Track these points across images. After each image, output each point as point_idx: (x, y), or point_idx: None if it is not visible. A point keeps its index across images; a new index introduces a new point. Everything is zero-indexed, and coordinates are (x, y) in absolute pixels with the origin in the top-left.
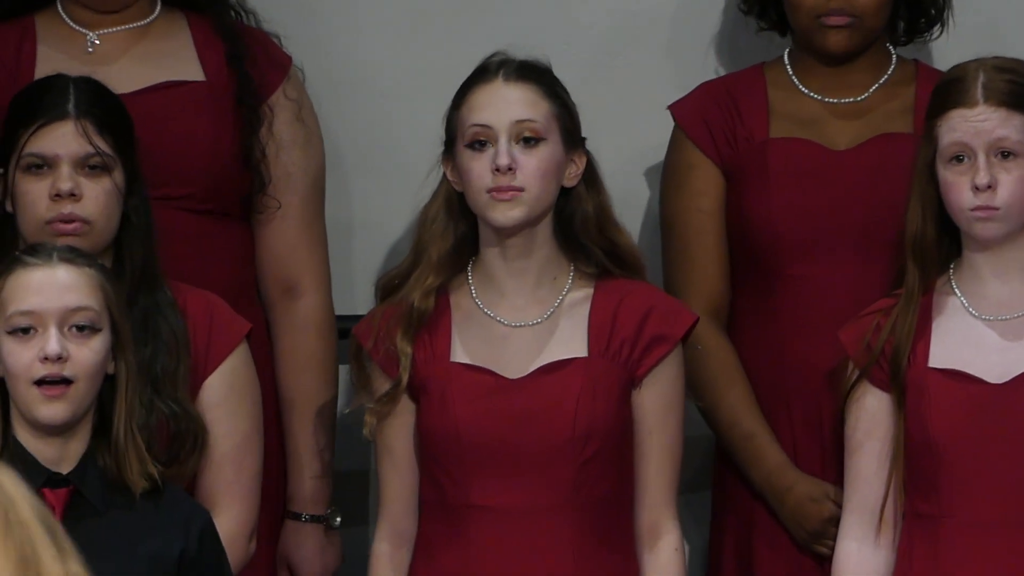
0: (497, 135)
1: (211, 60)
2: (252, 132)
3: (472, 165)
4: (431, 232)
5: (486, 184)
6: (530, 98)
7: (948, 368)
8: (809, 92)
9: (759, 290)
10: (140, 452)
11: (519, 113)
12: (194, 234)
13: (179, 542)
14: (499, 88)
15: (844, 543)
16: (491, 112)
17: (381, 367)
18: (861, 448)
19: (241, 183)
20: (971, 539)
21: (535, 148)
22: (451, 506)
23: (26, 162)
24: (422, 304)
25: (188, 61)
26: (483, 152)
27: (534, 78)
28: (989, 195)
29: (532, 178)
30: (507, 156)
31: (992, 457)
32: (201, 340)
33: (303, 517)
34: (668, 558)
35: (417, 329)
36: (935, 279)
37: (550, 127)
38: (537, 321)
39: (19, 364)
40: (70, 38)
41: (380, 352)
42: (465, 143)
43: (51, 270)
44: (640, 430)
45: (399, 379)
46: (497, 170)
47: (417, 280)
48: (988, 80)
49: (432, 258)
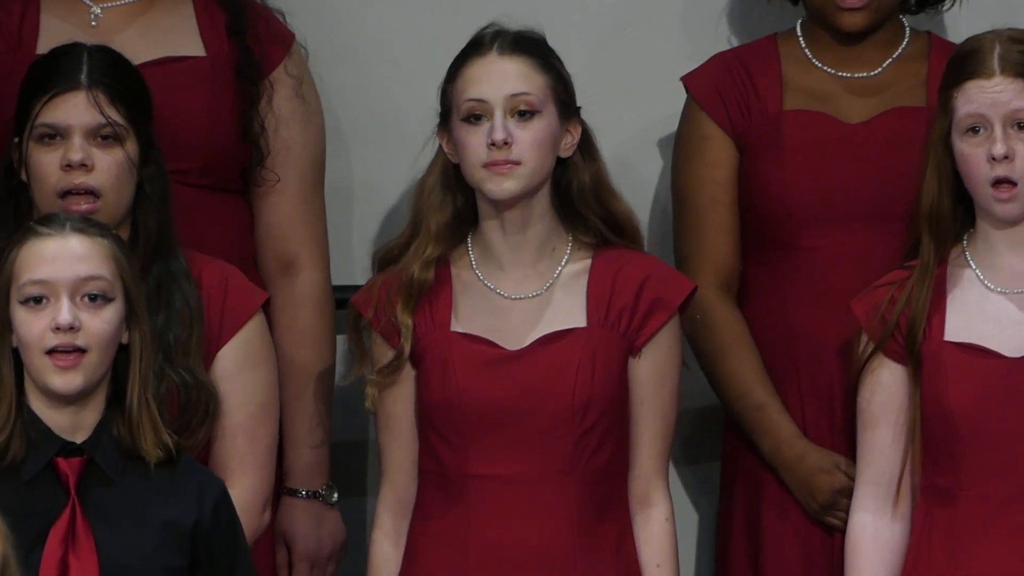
0: (492, 109)
1: (213, 35)
2: (252, 106)
3: (468, 139)
4: (429, 203)
5: (482, 158)
6: (525, 71)
7: (964, 342)
8: (823, 66)
9: (771, 261)
10: (155, 422)
11: (514, 87)
12: (192, 208)
13: (193, 512)
14: (494, 61)
15: (858, 515)
16: (486, 86)
17: (384, 336)
18: (876, 421)
19: (240, 157)
20: (989, 512)
21: (530, 121)
22: (450, 475)
23: (38, 132)
24: (422, 275)
25: (190, 36)
26: (479, 126)
27: (528, 51)
28: (1006, 165)
29: (528, 151)
30: (503, 131)
31: (1009, 431)
32: (215, 310)
33: (300, 493)
34: (659, 527)
35: (417, 300)
36: (949, 251)
37: (545, 99)
38: (536, 293)
39: (32, 334)
40: (73, 9)
41: (381, 322)
42: (461, 117)
43: (63, 240)
44: (634, 399)
45: (400, 350)
46: (493, 144)
47: (416, 251)
48: (1004, 51)
49: (431, 229)
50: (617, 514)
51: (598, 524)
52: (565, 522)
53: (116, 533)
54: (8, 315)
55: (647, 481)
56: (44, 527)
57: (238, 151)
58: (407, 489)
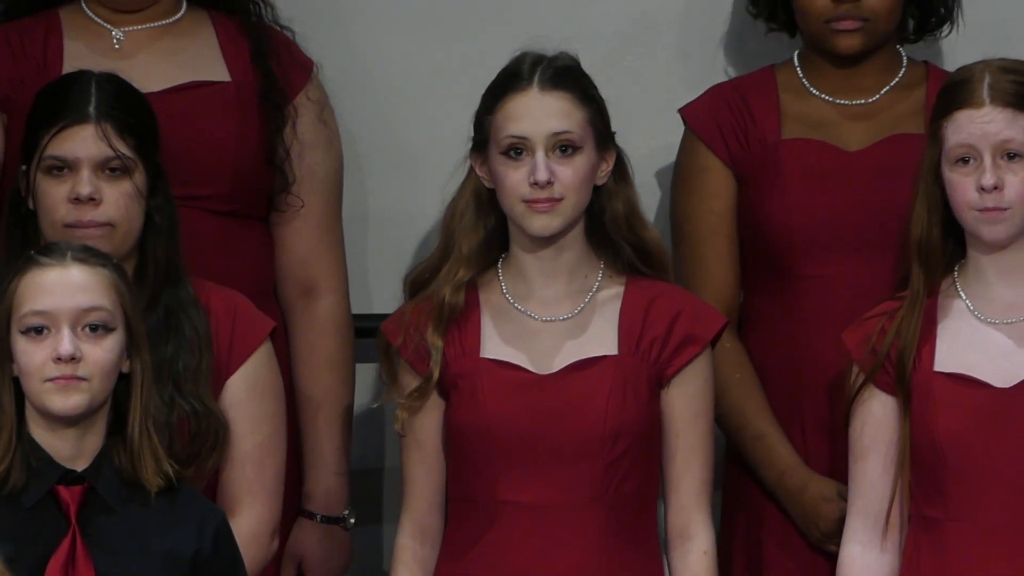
0: (534, 147)
1: (236, 60)
2: (277, 131)
3: (508, 173)
4: (461, 226)
5: (523, 194)
6: (566, 108)
7: (954, 372)
8: (820, 94)
9: (772, 291)
10: (155, 450)
11: (556, 125)
12: (217, 235)
13: (194, 542)
14: (534, 98)
15: (849, 547)
16: (528, 123)
17: (410, 364)
18: (867, 452)
19: (265, 182)
20: (978, 543)
21: (572, 157)
22: (479, 502)
23: (47, 164)
24: (453, 299)
25: (213, 61)
26: (519, 161)
27: (568, 85)
28: (996, 196)
29: (570, 188)
30: (546, 171)
31: (999, 461)
32: (224, 339)
33: (319, 518)
34: (696, 561)
35: (448, 323)
36: (940, 282)
37: (585, 135)
38: (568, 316)
39: (32, 364)
40: (96, 33)
41: (409, 349)
42: (500, 151)
43: (65, 270)
44: (668, 431)
45: (430, 373)
46: (535, 184)
47: (448, 274)
48: (994, 81)
49: (462, 251)
50: (646, 543)
51: (627, 552)
52: (594, 550)
53: (116, 562)
54: (9, 344)
55: (686, 514)
56: (44, 555)
57: (264, 177)
58: (428, 517)
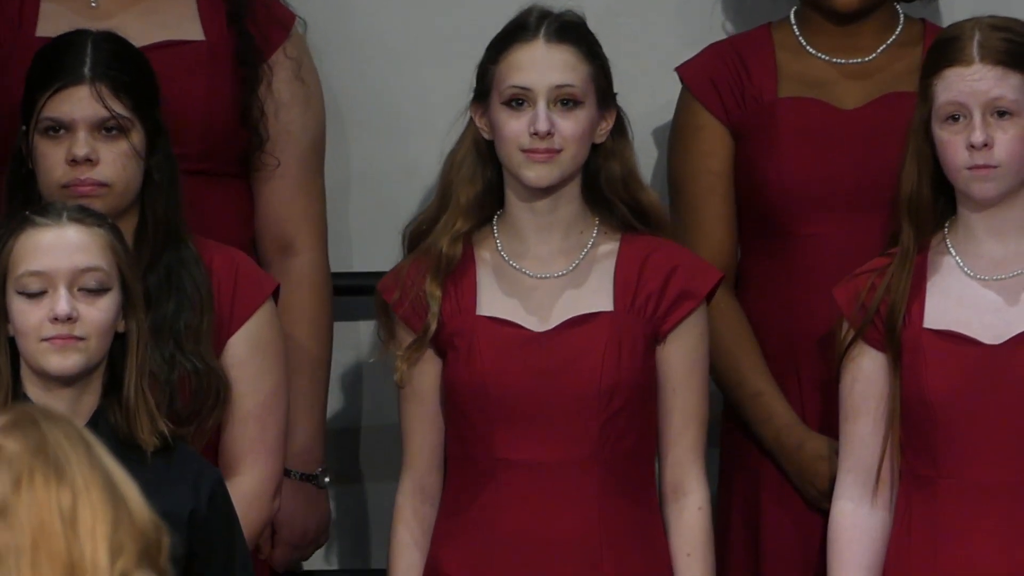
0: (536, 98)
1: (212, 18)
2: (251, 91)
3: (509, 123)
4: (459, 177)
5: (522, 144)
6: (570, 61)
7: (943, 329)
8: (817, 53)
9: (769, 250)
10: (151, 410)
11: (559, 78)
12: (191, 193)
13: (190, 501)
14: (539, 49)
15: (840, 503)
16: (531, 74)
17: (405, 321)
18: (857, 409)
19: (238, 142)
20: (969, 501)
21: (573, 111)
22: (477, 460)
23: (43, 125)
24: (451, 250)
25: (189, 20)
26: (520, 111)
27: (574, 39)
28: (986, 154)
29: (569, 140)
30: (547, 122)
31: (988, 419)
32: (226, 297)
33: (294, 474)
34: (693, 517)
35: (446, 274)
36: (930, 238)
37: (587, 90)
38: (563, 273)
39: (29, 324)
40: None
41: (405, 305)
42: (502, 100)
43: (61, 230)
44: (665, 387)
45: (427, 325)
46: (535, 133)
47: (445, 225)
48: (984, 38)
49: (460, 202)
50: (643, 500)
51: (624, 509)
52: (591, 507)
53: None
54: (4, 304)
55: (682, 469)
56: None
57: (237, 136)
58: (427, 476)
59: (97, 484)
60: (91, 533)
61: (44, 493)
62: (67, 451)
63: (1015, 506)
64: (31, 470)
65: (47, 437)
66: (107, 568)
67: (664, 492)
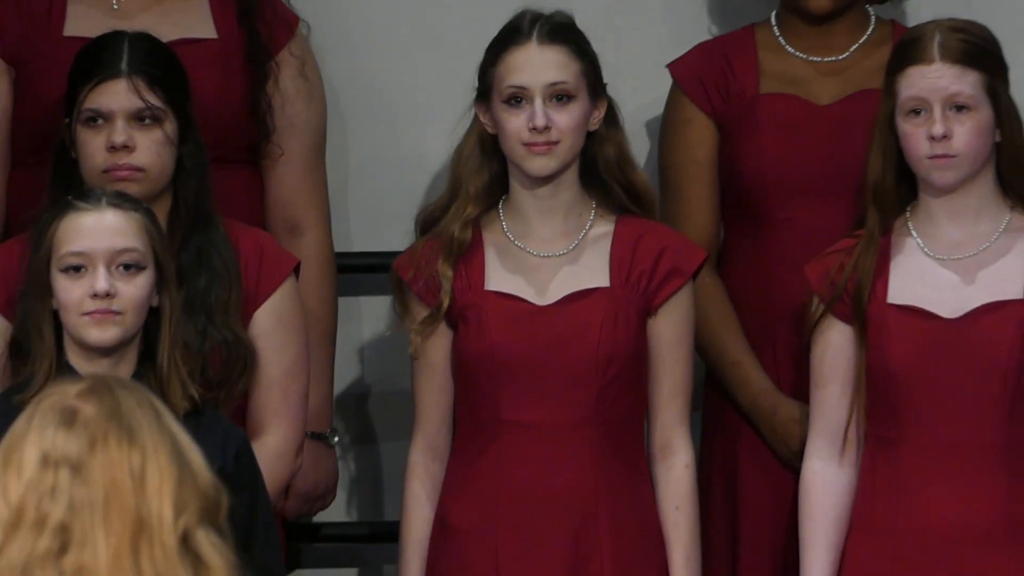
0: (533, 95)
1: (224, 19)
2: (259, 86)
3: (509, 120)
4: (467, 168)
5: (523, 138)
6: (562, 60)
7: (905, 304)
8: (795, 52)
9: (748, 231)
10: (182, 377)
11: (553, 76)
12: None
13: (218, 459)
14: (533, 50)
15: (810, 462)
16: (527, 74)
17: (420, 296)
18: (826, 377)
19: (248, 132)
20: (928, 460)
21: (567, 105)
22: (484, 421)
23: (84, 116)
24: (461, 234)
25: (203, 20)
26: (519, 108)
27: (564, 39)
28: (945, 144)
29: (566, 132)
30: (543, 117)
31: (946, 386)
32: (252, 274)
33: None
34: (680, 474)
35: (457, 256)
36: (893, 222)
37: (579, 85)
38: (563, 252)
39: (71, 299)
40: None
41: (419, 282)
42: (502, 99)
43: (100, 214)
44: (655, 357)
45: (440, 302)
46: (534, 129)
47: (456, 212)
48: (944, 39)
49: (469, 191)
50: (633, 461)
51: (617, 467)
52: (587, 465)
53: None
54: (49, 281)
55: (669, 431)
56: None
57: (246, 127)
58: (437, 435)
59: (165, 447)
60: (158, 491)
61: (117, 454)
62: (138, 416)
63: (969, 464)
64: (106, 433)
65: (121, 403)
66: (171, 523)
67: (653, 452)
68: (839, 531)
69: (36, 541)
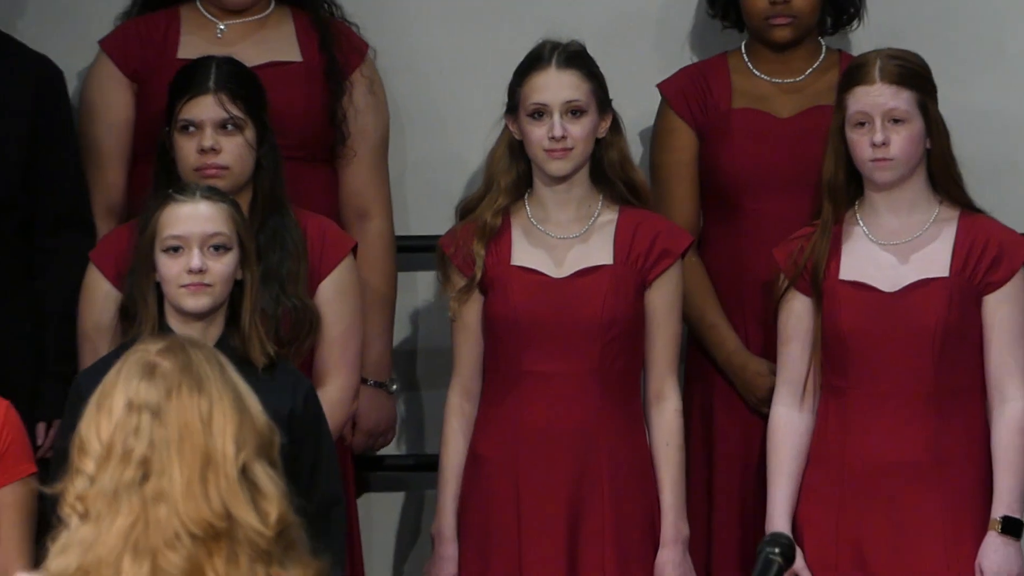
0: (552, 111)
1: (308, 46)
2: (336, 100)
3: (533, 130)
4: (499, 167)
5: (544, 145)
6: (576, 82)
7: (853, 280)
8: (761, 74)
9: (723, 220)
10: (261, 337)
11: (568, 95)
12: (291, 174)
13: (289, 403)
14: (552, 74)
15: (776, 408)
16: (547, 93)
17: (459, 268)
18: (789, 338)
19: (327, 137)
20: (872, 404)
21: (580, 119)
22: (508, 371)
23: (180, 124)
24: (493, 221)
25: (291, 47)
26: (541, 121)
27: (577, 64)
28: (884, 150)
29: (579, 141)
30: (560, 129)
31: (885, 346)
32: (316, 252)
33: (368, 381)
34: (670, 416)
35: (489, 239)
36: (844, 213)
37: (590, 101)
38: (576, 235)
39: (171, 274)
40: (204, 26)
41: (459, 257)
42: (527, 113)
43: (195, 204)
44: (649, 321)
45: (474, 275)
46: (552, 138)
47: (489, 202)
48: (884, 64)
49: (501, 185)
50: (630, 406)
51: (617, 411)
52: (592, 408)
53: None
54: (153, 259)
55: (661, 380)
56: None
57: (326, 133)
58: (471, 380)
59: (228, 395)
60: (222, 431)
61: (188, 400)
62: (206, 370)
63: (904, 410)
64: (179, 383)
65: (192, 359)
66: (233, 458)
67: (648, 398)
68: (800, 465)
69: (123, 472)
